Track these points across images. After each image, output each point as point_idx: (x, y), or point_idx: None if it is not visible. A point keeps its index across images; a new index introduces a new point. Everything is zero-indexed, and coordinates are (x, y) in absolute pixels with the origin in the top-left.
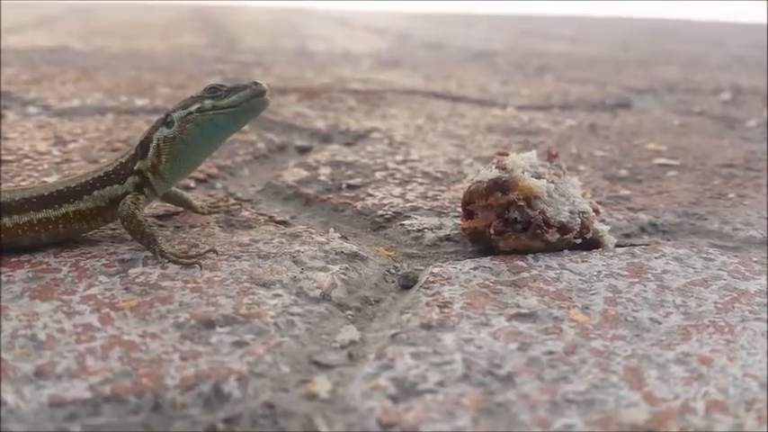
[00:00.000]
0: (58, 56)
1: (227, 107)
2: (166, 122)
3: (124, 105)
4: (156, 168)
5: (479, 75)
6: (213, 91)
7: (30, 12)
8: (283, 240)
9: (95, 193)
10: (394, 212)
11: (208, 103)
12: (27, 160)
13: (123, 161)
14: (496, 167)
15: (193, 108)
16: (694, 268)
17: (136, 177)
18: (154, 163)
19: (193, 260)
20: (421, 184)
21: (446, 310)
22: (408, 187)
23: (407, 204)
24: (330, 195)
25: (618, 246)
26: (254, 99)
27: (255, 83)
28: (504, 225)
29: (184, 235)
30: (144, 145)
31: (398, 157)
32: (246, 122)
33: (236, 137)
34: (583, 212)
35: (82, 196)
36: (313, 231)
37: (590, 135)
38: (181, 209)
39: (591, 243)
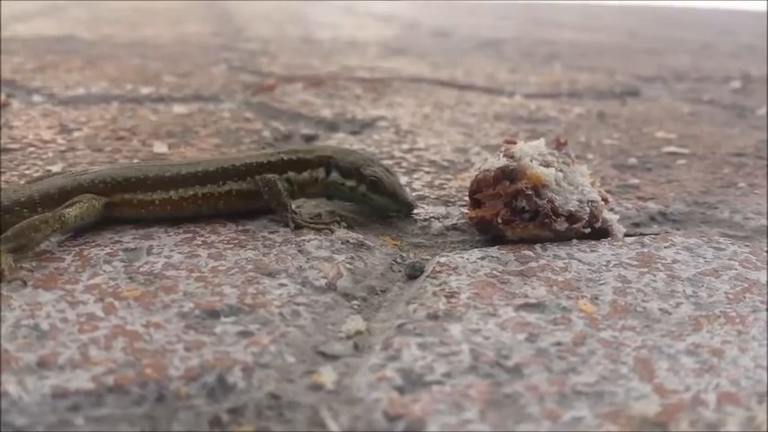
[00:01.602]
0: (63, 44)
1: (372, 201)
2: (327, 170)
3: (129, 94)
4: (302, 187)
5: (487, 63)
6: (373, 185)
7: (36, 0)
8: (288, 229)
9: (257, 177)
10: None
11: (362, 188)
12: (32, 148)
13: (285, 159)
14: (504, 156)
15: (348, 183)
16: (705, 258)
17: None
18: (303, 184)
19: (324, 226)
20: (428, 172)
21: (453, 301)
22: (415, 176)
23: (414, 193)
24: None
25: (627, 235)
26: (395, 211)
27: (409, 204)
28: (512, 214)
29: (189, 224)
30: (302, 164)
31: (405, 146)
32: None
33: (242, 125)
34: (592, 201)
35: (246, 177)
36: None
37: (599, 123)
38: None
39: (600, 232)
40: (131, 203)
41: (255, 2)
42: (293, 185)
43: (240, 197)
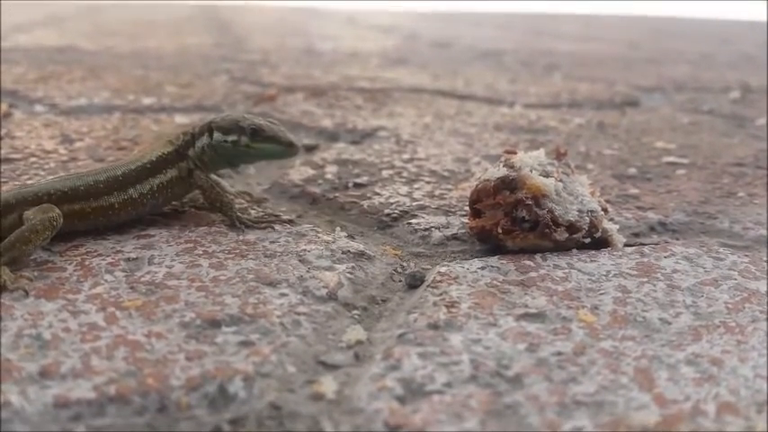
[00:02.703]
0: (65, 55)
1: (257, 151)
2: (210, 134)
3: (131, 104)
4: (201, 159)
5: (487, 73)
6: (254, 133)
7: (38, 11)
8: (290, 239)
9: (151, 179)
10: (401, 211)
11: (244, 139)
12: (33, 159)
13: (171, 150)
14: (504, 166)
15: (230, 138)
16: (704, 268)
17: (189, 162)
18: (199, 155)
19: (266, 225)
20: (428, 182)
21: (453, 310)
22: (415, 186)
23: (414, 203)
24: (337, 194)
25: (627, 245)
26: (281, 155)
27: (292, 144)
28: (512, 224)
29: (191, 234)
30: (190, 139)
31: (405, 156)
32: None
33: None
34: (591, 211)
35: (135, 185)
36: (319, 230)
37: (598, 133)
38: (185, 208)
39: (600, 242)
40: (70, 213)
41: (256, 13)
42: (195, 161)
43: (162, 191)
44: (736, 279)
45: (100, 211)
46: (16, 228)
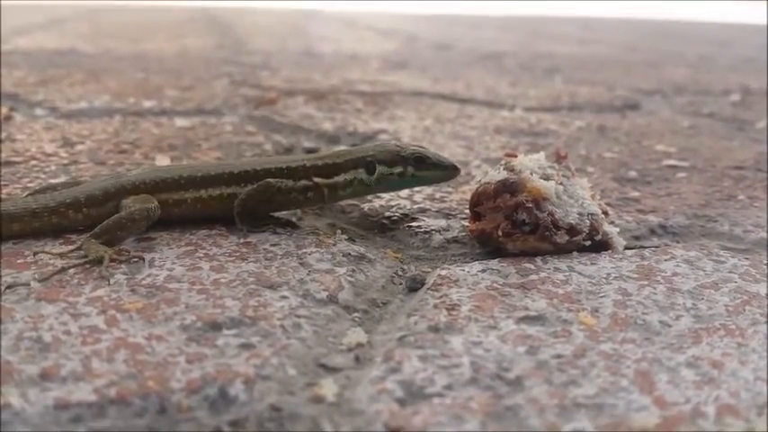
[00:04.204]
0: (65, 58)
1: (422, 179)
2: (368, 168)
3: (132, 107)
4: (334, 192)
5: (487, 76)
6: (419, 162)
7: (38, 14)
8: (290, 242)
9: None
10: (401, 214)
11: (410, 170)
12: (34, 162)
13: (307, 165)
14: (505, 169)
15: (396, 171)
16: (705, 271)
17: (309, 183)
18: (336, 188)
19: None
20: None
21: (454, 313)
22: (416, 189)
23: (415, 206)
24: None
25: (627, 248)
26: (444, 179)
27: (455, 167)
28: (513, 227)
29: (191, 236)
30: (332, 168)
31: None
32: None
33: (244, 138)
34: (592, 214)
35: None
36: (320, 233)
37: (599, 136)
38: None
39: (600, 245)
40: (167, 203)
41: (257, 16)
42: (322, 190)
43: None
44: (736, 282)
45: (196, 203)
46: (113, 215)
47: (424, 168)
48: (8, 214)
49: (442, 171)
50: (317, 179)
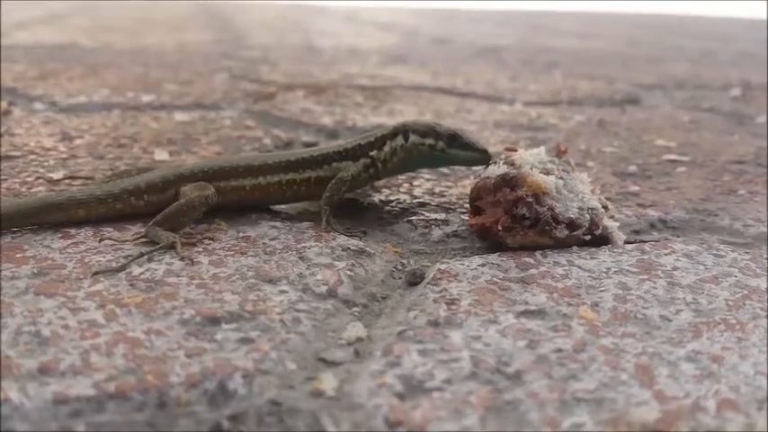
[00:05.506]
0: (64, 52)
1: (451, 156)
2: (405, 136)
3: (131, 101)
4: (384, 166)
5: (487, 70)
6: (451, 139)
7: (37, 8)
8: (289, 236)
9: (334, 164)
10: (401, 208)
11: (440, 144)
12: (33, 156)
13: (362, 144)
14: (504, 163)
15: (427, 142)
16: (705, 265)
17: (368, 160)
18: (386, 158)
19: (354, 234)
20: (428, 179)
21: (453, 307)
22: (415, 183)
23: (415, 200)
24: None
25: (627, 242)
26: (474, 162)
27: (486, 151)
28: (513, 221)
29: (190, 231)
30: (381, 141)
31: None
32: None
33: (243, 133)
34: (592, 209)
35: (322, 165)
36: (319, 227)
37: (599, 131)
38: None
39: (600, 239)
40: (225, 190)
41: (256, 10)
42: (377, 164)
43: (318, 183)
44: (736, 276)
45: (255, 190)
46: (172, 202)
47: (456, 147)
48: (75, 200)
49: (472, 152)
50: (371, 153)
